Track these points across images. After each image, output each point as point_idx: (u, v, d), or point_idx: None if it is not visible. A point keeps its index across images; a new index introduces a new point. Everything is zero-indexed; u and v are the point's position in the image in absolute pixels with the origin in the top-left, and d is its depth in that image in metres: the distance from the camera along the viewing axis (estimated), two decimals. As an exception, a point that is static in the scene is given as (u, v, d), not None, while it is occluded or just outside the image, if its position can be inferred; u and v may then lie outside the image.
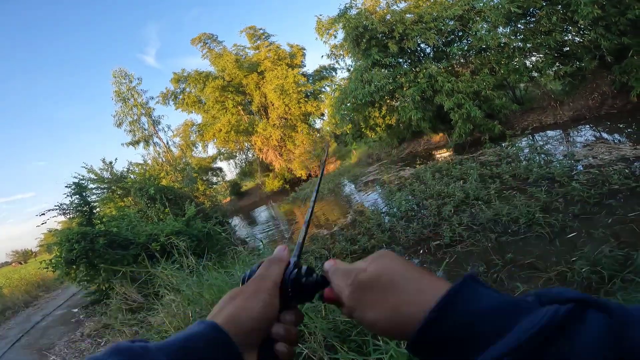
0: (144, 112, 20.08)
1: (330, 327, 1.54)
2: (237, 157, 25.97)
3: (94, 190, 9.22)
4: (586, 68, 8.24)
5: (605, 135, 7.02)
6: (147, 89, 36.80)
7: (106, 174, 9.70)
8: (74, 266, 5.12)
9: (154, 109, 21.02)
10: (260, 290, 0.44)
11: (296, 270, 0.48)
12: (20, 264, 34.27)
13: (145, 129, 20.35)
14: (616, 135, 6.79)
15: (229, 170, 33.82)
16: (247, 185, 26.73)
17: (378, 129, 12.99)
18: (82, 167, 9.28)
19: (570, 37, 8.53)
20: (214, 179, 23.03)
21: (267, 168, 23.60)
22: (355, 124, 13.29)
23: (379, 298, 0.37)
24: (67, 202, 6.31)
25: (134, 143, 20.15)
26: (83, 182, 8.20)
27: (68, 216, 6.50)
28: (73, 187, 6.26)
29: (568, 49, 8.75)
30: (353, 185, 12.81)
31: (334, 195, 12.32)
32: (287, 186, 21.13)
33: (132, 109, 19.89)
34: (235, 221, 16.44)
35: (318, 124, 24.08)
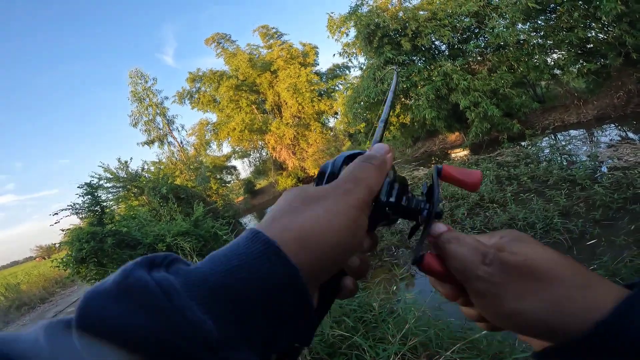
0: (158, 111, 20.51)
1: (318, 340, 1.47)
2: (251, 156, 26.17)
3: (110, 189, 9.45)
4: (611, 65, 7.84)
5: (631, 135, 6.64)
6: (164, 88, 37.78)
7: (122, 173, 9.92)
8: (84, 265, 5.25)
9: (168, 109, 21.45)
10: (350, 200, 0.30)
11: (397, 185, 0.36)
12: (44, 258, 35.73)
13: (160, 129, 20.79)
14: (643, 135, 6.41)
15: (243, 168, 34.19)
16: (261, 183, 26.91)
17: (392, 127, 12.77)
18: (99, 166, 9.51)
19: (593, 33, 8.11)
20: (228, 178, 23.28)
21: (280, 167, 23.67)
22: (369, 123, 13.12)
23: (533, 287, 0.30)
24: (80, 202, 6.46)
25: (149, 142, 20.62)
26: (100, 181, 8.42)
27: (80, 216, 6.66)
28: (85, 187, 6.40)
29: (592, 45, 8.34)
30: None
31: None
32: (301, 185, 21.05)
33: (147, 109, 20.35)
34: (247, 219, 16.58)
35: (331, 122, 23.97)
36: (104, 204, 7.09)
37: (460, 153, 10.69)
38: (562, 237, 3.43)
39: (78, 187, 6.34)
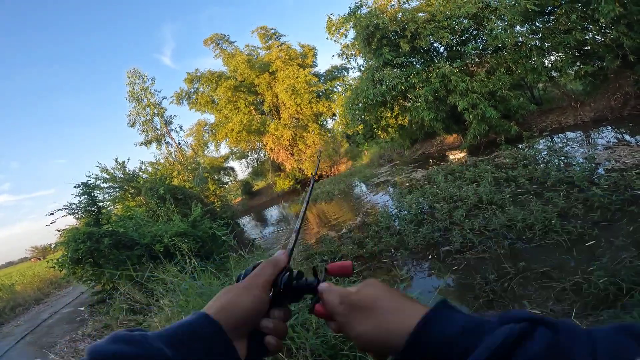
0: (156, 112, 20.37)
1: (320, 341, 1.46)
2: (249, 157, 26.14)
3: (106, 190, 9.38)
4: (608, 67, 7.87)
5: (627, 137, 6.68)
6: (162, 88, 37.60)
7: (119, 174, 9.86)
8: (80, 265, 5.19)
9: (166, 109, 21.32)
10: (252, 286, 0.50)
11: (288, 272, 0.53)
12: (39, 259, 35.47)
13: (157, 129, 20.65)
14: (639, 137, 6.44)
15: (241, 169, 34.13)
16: (259, 184, 26.88)
17: (390, 129, 12.78)
18: (96, 166, 9.43)
19: (591, 35, 8.15)
20: (226, 179, 23.21)
21: (278, 168, 23.65)
22: (367, 124, 13.13)
23: (366, 316, 0.43)
24: (76, 202, 6.39)
25: (147, 143, 20.49)
26: (96, 181, 8.34)
27: (76, 216, 6.59)
28: (81, 187, 6.34)
29: (589, 47, 8.38)
30: (364, 186, 12.66)
31: (344, 195, 12.22)
32: (298, 186, 21.13)
33: (145, 109, 20.23)
34: (245, 220, 16.53)
35: (330, 124, 24.01)
36: (101, 204, 7.02)
37: (458, 155, 10.71)
38: (561, 239, 3.43)
39: (75, 187, 6.28)
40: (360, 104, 12.06)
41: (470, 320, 0.36)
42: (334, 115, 22.02)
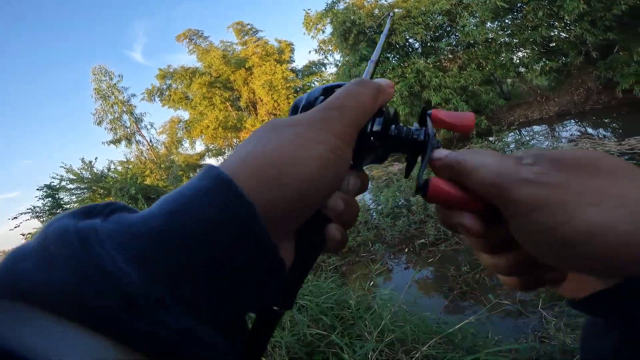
0: (125, 109, 19.51)
1: (295, 339, 1.44)
2: (226, 154, 25.67)
3: (73, 191, 8.91)
4: (571, 63, 8.26)
5: (590, 130, 7.08)
6: (131, 85, 36.05)
7: (86, 174, 9.38)
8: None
9: (135, 107, 20.47)
10: (329, 127, 0.24)
11: (386, 112, 0.31)
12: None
13: (127, 127, 19.81)
14: (601, 130, 6.85)
15: (218, 167, 33.44)
16: (237, 182, 26.50)
17: (367, 124, 12.92)
18: (61, 166, 8.93)
19: (556, 32, 8.52)
20: (202, 177, 22.69)
21: (256, 165, 23.40)
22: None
23: (612, 188, 0.20)
24: (40, 205, 6.04)
25: (116, 141, 19.60)
26: (61, 182, 7.90)
27: (41, 219, 6.22)
28: (45, 189, 5.98)
29: (554, 44, 8.76)
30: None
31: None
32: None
33: (112, 107, 19.32)
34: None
35: (307, 120, 23.97)
36: (67, 206, 6.66)
37: (433, 148, 10.96)
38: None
39: (37, 189, 5.92)
40: (338, 100, 12.11)
41: None
42: (312, 110, 21.97)
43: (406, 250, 4.26)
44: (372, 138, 0.29)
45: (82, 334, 0.15)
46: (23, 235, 5.67)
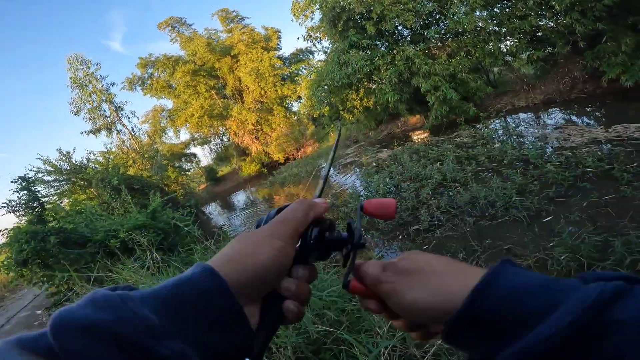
0: (104, 98, 18.62)
1: (302, 338, 1.38)
2: (212, 142, 25.16)
3: (51, 183, 8.51)
4: (558, 53, 8.33)
5: (574, 118, 7.19)
6: (109, 74, 34.64)
7: (64, 165, 8.94)
8: (27, 267, 4.67)
9: (115, 95, 19.58)
10: (275, 234, 0.39)
11: (321, 222, 0.43)
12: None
13: (106, 116, 18.93)
14: (584, 118, 6.97)
15: (204, 155, 32.77)
16: (224, 170, 26.06)
17: (356, 111, 12.85)
18: (38, 158, 8.46)
19: (544, 21, 8.53)
20: (188, 166, 22.18)
21: (243, 152, 23.03)
22: (333, 107, 13.08)
23: (418, 280, 0.37)
24: (15, 199, 5.70)
25: (95, 131, 18.72)
26: (37, 174, 7.52)
27: (18, 214, 5.89)
28: (19, 182, 5.64)
29: (541, 34, 8.80)
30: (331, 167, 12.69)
31: (312, 177, 12.18)
32: (265, 170, 20.79)
33: (90, 96, 18.39)
34: (211, 208, 16.00)
35: (295, 106, 23.67)
36: (45, 199, 6.34)
37: (421, 135, 11.00)
38: (521, 215, 3.62)
39: (11, 181, 5.58)
40: (326, 87, 11.95)
41: (546, 277, 0.31)
42: (300, 98, 21.70)
43: (400, 237, 4.25)
44: (311, 242, 0.42)
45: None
46: (0, 231, 5.34)
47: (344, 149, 15.08)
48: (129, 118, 20.83)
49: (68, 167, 8.95)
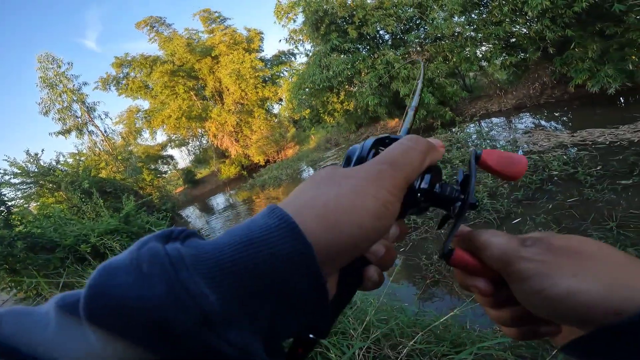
0: (75, 98, 17.83)
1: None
2: (190, 144, 24.63)
3: (18, 186, 8.08)
4: (530, 59, 8.69)
5: (543, 122, 7.55)
6: (82, 73, 33.33)
7: (32, 167, 8.51)
8: (-5, 273, 4.43)
9: (87, 95, 18.82)
10: (382, 182, 0.27)
11: (433, 170, 0.33)
12: None
13: (77, 117, 18.13)
14: (552, 123, 7.32)
15: (182, 157, 32.03)
16: (202, 173, 25.57)
17: (336, 114, 12.96)
18: (4, 159, 8.02)
19: (517, 28, 8.88)
20: (164, 168, 21.61)
21: (223, 155, 22.69)
22: (314, 109, 13.15)
23: (586, 267, 0.28)
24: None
25: (65, 132, 17.87)
26: (3, 176, 7.14)
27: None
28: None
29: (515, 40, 9.16)
30: (312, 170, 12.72)
31: (292, 180, 12.16)
32: (245, 172, 20.59)
33: (61, 96, 17.57)
34: (188, 211, 15.63)
35: (276, 109, 23.59)
36: (11, 203, 6.02)
37: (400, 139, 11.22)
38: (492, 217, 3.76)
39: (-25, 185, 5.26)
40: (307, 89, 12.01)
41: None
42: (281, 100, 21.64)
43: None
44: (419, 195, 0.32)
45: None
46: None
47: (323, 152, 15.15)
48: (101, 119, 20.05)
49: (36, 169, 8.52)
